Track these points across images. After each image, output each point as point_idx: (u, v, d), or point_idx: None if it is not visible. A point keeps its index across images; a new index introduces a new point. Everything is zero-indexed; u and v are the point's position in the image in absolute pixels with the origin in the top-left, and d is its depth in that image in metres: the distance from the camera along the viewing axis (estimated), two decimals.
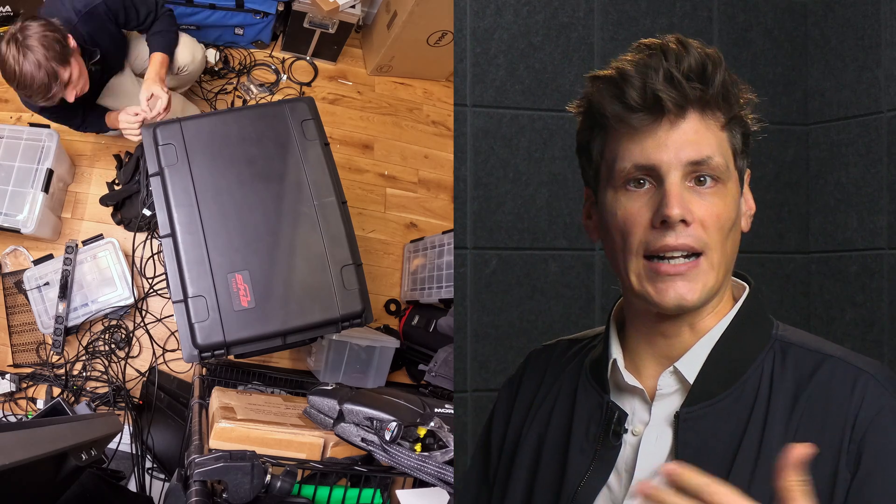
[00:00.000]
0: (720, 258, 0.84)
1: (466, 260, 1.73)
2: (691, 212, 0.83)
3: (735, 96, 0.85)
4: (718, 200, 0.84)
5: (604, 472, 0.89)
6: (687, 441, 0.84)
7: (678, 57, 0.83)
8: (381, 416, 1.29)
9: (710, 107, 0.84)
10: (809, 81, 1.94)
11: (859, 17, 1.85)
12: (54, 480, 1.13)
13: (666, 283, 0.84)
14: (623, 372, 0.91)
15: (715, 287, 0.85)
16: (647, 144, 0.84)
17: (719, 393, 0.85)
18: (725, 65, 0.84)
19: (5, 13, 2.72)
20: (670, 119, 0.83)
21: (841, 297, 1.87)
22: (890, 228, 1.79)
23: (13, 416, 2.38)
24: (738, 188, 0.87)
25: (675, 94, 0.82)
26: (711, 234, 0.83)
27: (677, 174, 0.83)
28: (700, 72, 0.83)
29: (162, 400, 2.29)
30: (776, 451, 0.81)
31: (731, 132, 0.86)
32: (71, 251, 2.37)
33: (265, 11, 2.71)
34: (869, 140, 1.83)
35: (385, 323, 2.67)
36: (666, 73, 0.82)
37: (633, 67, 0.84)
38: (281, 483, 1.15)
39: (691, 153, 0.83)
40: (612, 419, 0.89)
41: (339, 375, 2.24)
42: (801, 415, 0.82)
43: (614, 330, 0.95)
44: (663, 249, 0.83)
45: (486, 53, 1.74)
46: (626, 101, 0.84)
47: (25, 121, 2.62)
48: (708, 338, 0.88)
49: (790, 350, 0.86)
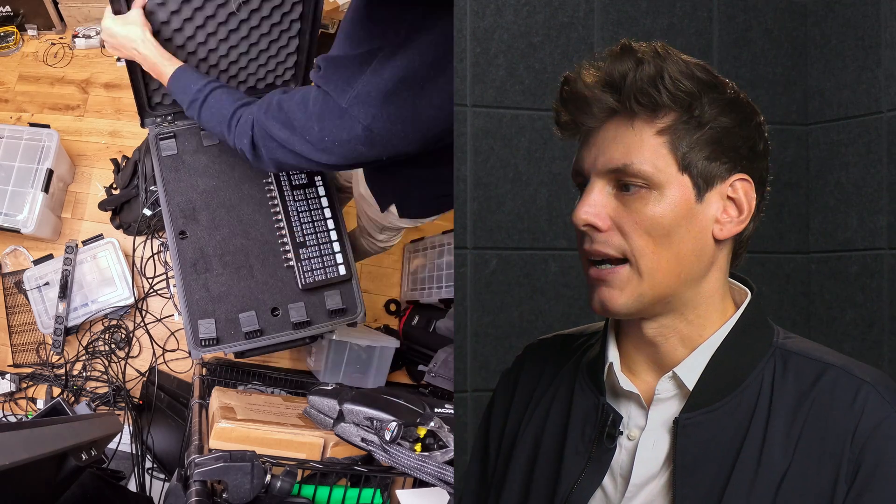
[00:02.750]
0: (652, 265, 0.83)
1: (466, 260, 1.73)
2: (605, 217, 0.83)
3: (666, 102, 0.81)
4: (643, 206, 0.82)
5: (598, 474, 0.88)
6: (686, 448, 0.84)
7: (611, 62, 0.83)
8: (381, 416, 1.29)
9: (635, 114, 0.83)
10: (809, 81, 1.94)
11: (859, 17, 1.85)
12: (54, 480, 1.13)
13: (595, 290, 0.86)
14: (619, 376, 0.90)
15: (654, 295, 0.84)
16: (581, 151, 0.87)
17: (719, 400, 0.85)
18: (668, 69, 0.81)
19: (5, 13, 2.73)
20: (595, 129, 0.85)
21: (841, 297, 1.87)
22: (890, 228, 1.79)
23: (13, 416, 2.38)
24: (684, 193, 0.83)
25: (583, 104, 0.84)
26: (634, 240, 0.82)
27: (598, 181, 0.84)
28: (618, 79, 0.83)
29: (162, 400, 2.29)
30: (777, 459, 0.81)
31: (673, 136, 0.82)
32: (71, 251, 2.37)
33: None
34: (869, 140, 1.83)
35: (385, 323, 2.67)
36: (583, 82, 0.84)
37: (568, 74, 0.86)
38: (281, 483, 1.16)
39: (607, 160, 0.83)
40: (606, 421, 0.89)
41: (339, 375, 2.24)
42: (803, 424, 0.81)
43: (612, 332, 0.94)
44: (587, 255, 0.86)
45: (486, 53, 1.74)
46: (557, 109, 0.87)
47: (25, 121, 2.62)
48: (708, 344, 0.87)
49: (791, 358, 0.86)
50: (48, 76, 2.82)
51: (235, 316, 1.60)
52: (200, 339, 1.57)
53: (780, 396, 0.83)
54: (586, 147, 0.86)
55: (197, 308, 1.59)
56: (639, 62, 0.82)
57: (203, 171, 1.70)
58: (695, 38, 1.85)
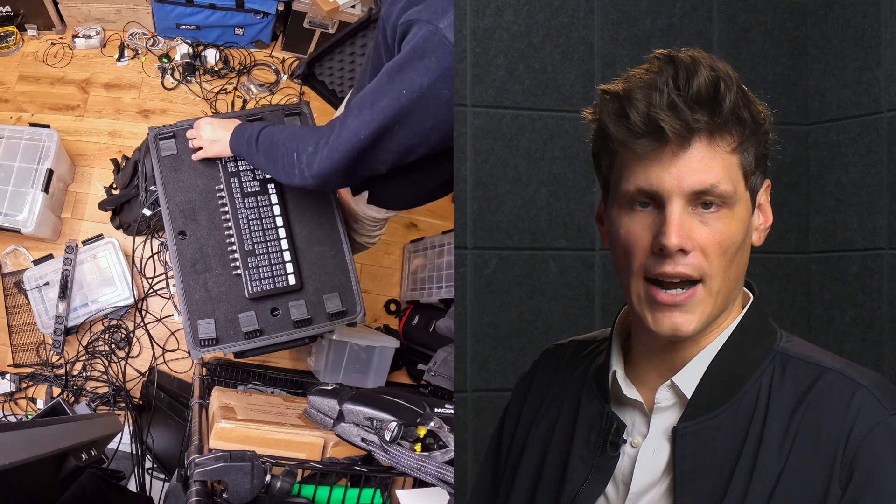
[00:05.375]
0: (720, 284, 0.83)
1: (466, 260, 1.73)
2: (692, 239, 0.81)
3: (747, 118, 0.82)
4: (723, 226, 0.82)
5: (601, 481, 0.88)
6: (684, 456, 0.84)
7: (687, 77, 0.79)
8: (381, 416, 1.29)
9: (718, 133, 0.81)
10: (809, 81, 1.94)
11: (859, 17, 1.85)
12: (54, 480, 1.13)
13: (663, 313, 0.83)
14: (622, 384, 0.90)
15: (715, 313, 0.84)
16: (651, 169, 0.81)
17: (717, 407, 0.84)
18: (738, 85, 0.81)
19: (5, 13, 2.72)
20: (672, 148, 0.80)
21: (841, 297, 1.87)
22: (890, 228, 1.79)
23: (13, 416, 2.38)
24: (748, 208, 0.85)
25: (678, 125, 0.79)
26: (712, 260, 0.82)
27: (679, 201, 0.81)
28: (708, 98, 0.79)
29: (162, 400, 2.29)
30: (772, 464, 0.80)
31: (743, 154, 0.83)
32: (71, 251, 2.37)
33: (265, 11, 2.71)
34: (869, 140, 1.83)
35: (385, 323, 2.67)
36: (669, 100, 0.79)
37: (640, 87, 0.80)
38: (281, 483, 1.16)
39: (694, 182, 0.80)
40: (610, 429, 0.89)
41: (339, 375, 2.24)
42: (797, 429, 0.81)
43: (617, 340, 0.94)
44: (661, 276, 0.82)
45: (486, 53, 1.74)
46: (630, 126, 0.81)
47: (25, 121, 2.62)
48: (706, 351, 0.87)
49: (790, 363, 0.85)
50: (48, 76, 2.81)
51: (235, 316, 1.60)
52: (200, 339, 1.57)
53: (777, 401, 0.83)
54: (660, 166, 0.81)
55: (196, 308, 1.59)
56: (718, 79, 0.79)
57: (203, 170, 1.70)
58: (695, 38, 1.85)
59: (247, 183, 1.68)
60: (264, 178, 1.69)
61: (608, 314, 1.78)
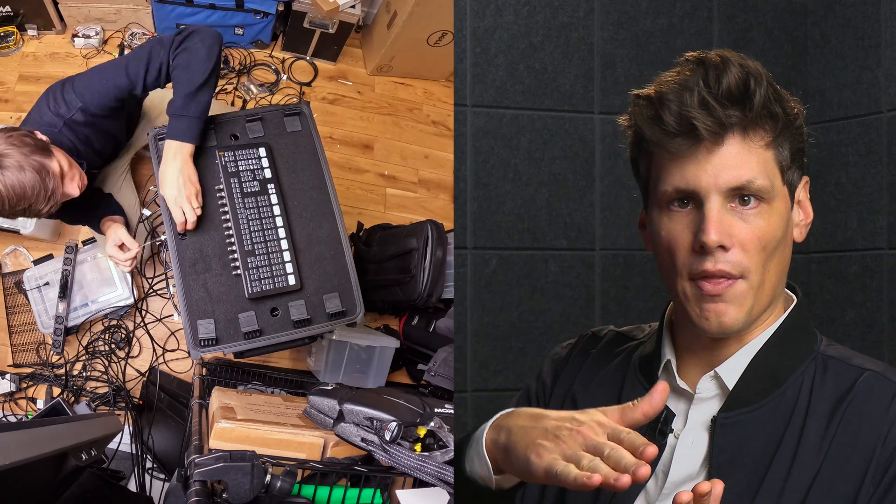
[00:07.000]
0: (760, 279, 0.84)
1: (466, 260, 1.73)
2: (731, 235, 0.82)
3: (780, 113, 0.83)
4: (762, 221, 0.83)
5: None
6: (722, 446, 0.85)
7: (718, 76, 0.81)
8: (381, 416, 1.29)
9: (751, 128, 0.82)
10: (809, 81, 1.94)
11: (859, 17, 1.85)
12: (54, 480, 1.13)
13: (709, 306, 0.84)
14: (675, 374, 0.92)
15: (759, 308, 0.85)
16: (687, 168, 0.83)
17: (758, 401, 0.86)
18: (768, 81, 0.82)
19: (5, 13, 2.72)
20: (707, 146, 0.82)
21: (841, 297, 1.87)
22: (890, 228, 1.79)
23: (13, 416, 2.38)
24: (786, 203, 0.86)
25: (710, 122, 0.81)
26: (752, 256, 0.83)
27: (717, 198, 0.82)
28: (739, 94, 0.81)
29: (162, 400, 2.29)
30: (810, 461, 0.81)
31: (778, 149, 0.84)
32: (71, 251, 2.37)
33: (265, 11, 2.71)
34: (869, 140, 1.83)
35: (385, 323, 2.67)
36: (701, 98, 0.80)
37: (672, 88, 0.82)
38: (281, 483, 1.16)
39: (731, 178, 0.82)
40: (659, 418, 0.89)
41: (339, 375, 2.24)
42: (837, 427, 0.82)
43: (668, 332, 0.95)
44: (703, 274, 0.83)
45: (485, 53, 1.74)
46: (663, 126, 0.83)
47: None
48: (750, 346, 0.88)
49: (831, 363, 0.87)
50: (48, 76, 2.81)
51: (235, 316, 1.60)
52: (200, 339, 1.57)
53: (818, 400, 0.84)
54: (696, 164, 0.83)
55: (196, 308, 1.58)
56: (748, 75, 0.81)
57: (203, 171, 1.70)
58: (695, 38, 1.85)
59: (247, 183, 1.68)
60: (264, 177, 1.69)
61: (608, 314, 1.78)
